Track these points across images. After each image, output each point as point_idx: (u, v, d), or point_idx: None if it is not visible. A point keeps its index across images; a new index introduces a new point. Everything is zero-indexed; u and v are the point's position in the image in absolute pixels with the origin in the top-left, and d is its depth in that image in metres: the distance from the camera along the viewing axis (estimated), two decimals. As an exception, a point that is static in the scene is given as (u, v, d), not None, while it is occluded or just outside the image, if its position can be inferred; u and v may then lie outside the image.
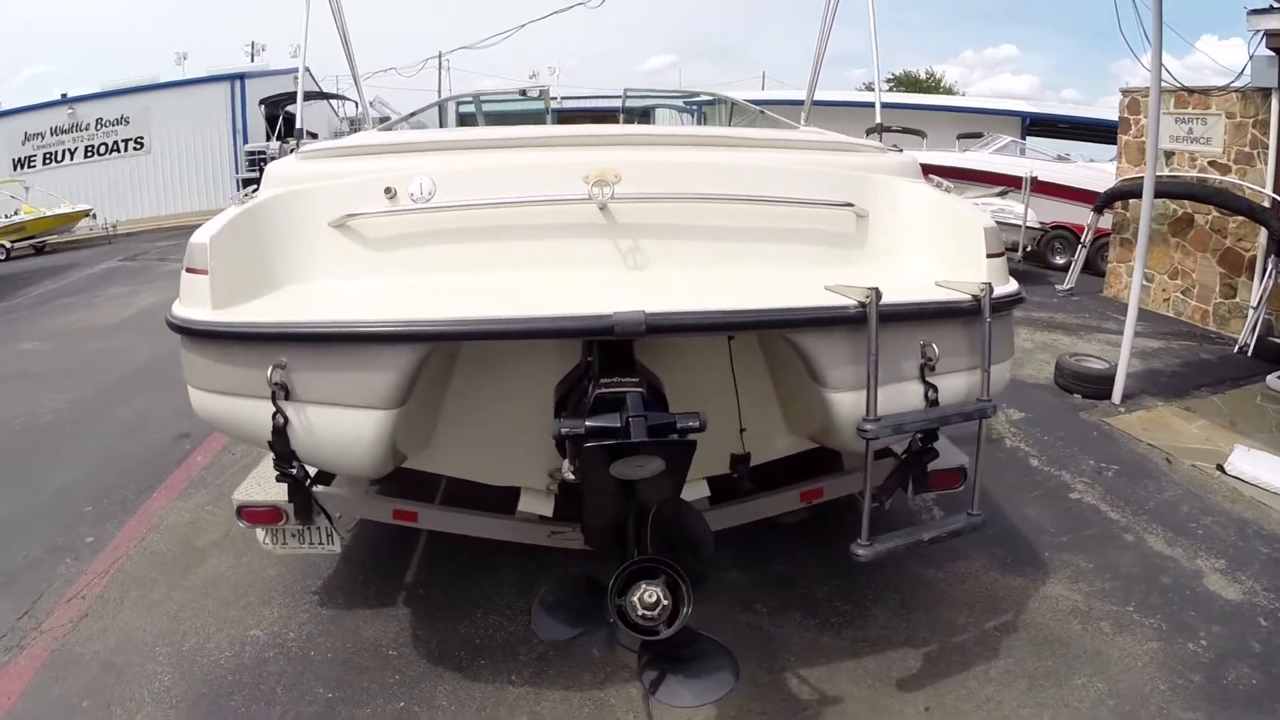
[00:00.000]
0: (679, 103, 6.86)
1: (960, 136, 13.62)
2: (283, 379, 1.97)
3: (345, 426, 2.02)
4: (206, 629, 3.10)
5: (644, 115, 6.86)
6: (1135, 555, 3.34)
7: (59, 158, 23.68)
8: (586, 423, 1.77)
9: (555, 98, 6.16)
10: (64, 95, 23.23)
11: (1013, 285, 2.37)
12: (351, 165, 2.59)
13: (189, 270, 2.16)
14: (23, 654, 3.03)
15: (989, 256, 2.33)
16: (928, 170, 10.95)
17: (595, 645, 2.80)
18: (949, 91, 33.64)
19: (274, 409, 2.00)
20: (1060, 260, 10.36)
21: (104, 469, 4.70)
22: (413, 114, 5.32)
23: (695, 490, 2.76)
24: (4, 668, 2.95)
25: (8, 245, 17.15)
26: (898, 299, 2.10)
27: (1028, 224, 9.65)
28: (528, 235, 2.37)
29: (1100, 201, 8.68)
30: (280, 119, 14.54)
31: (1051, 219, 10.67)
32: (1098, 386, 5.31)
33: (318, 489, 2.82)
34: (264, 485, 2.65)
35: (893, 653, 2.74)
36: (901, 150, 3.04)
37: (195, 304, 2.12)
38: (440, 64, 27.28)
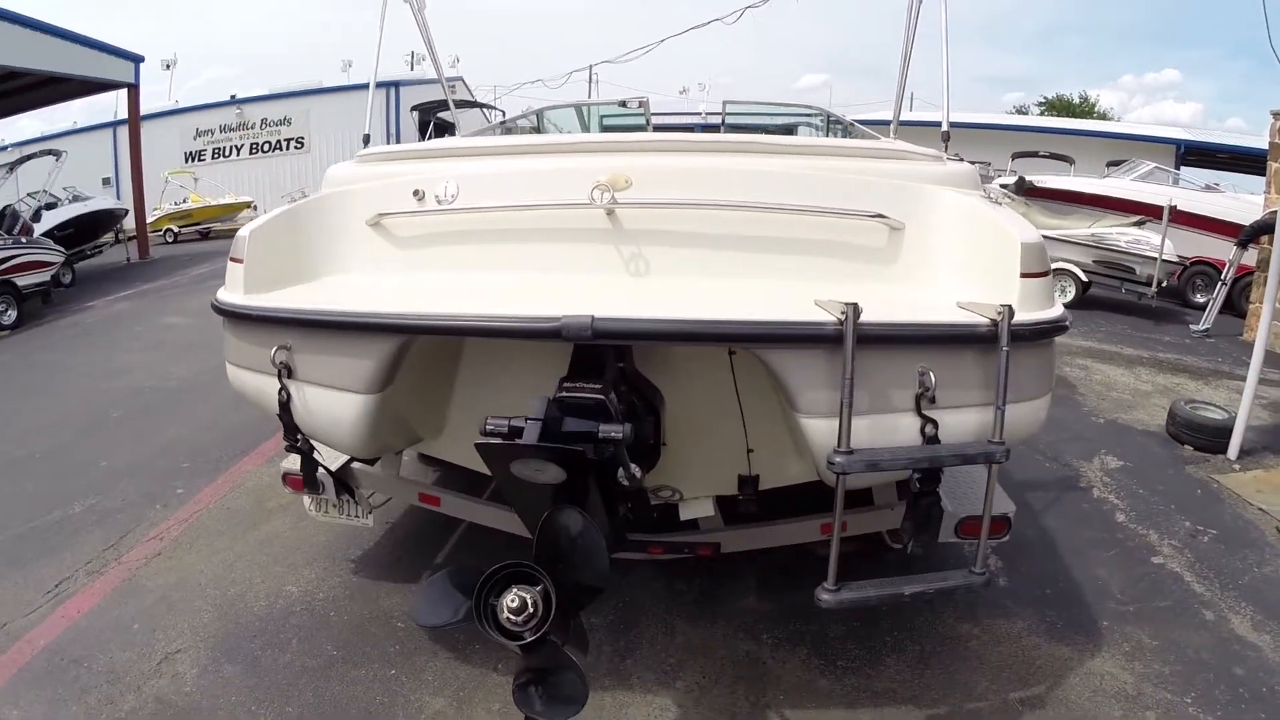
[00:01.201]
0: (779, 116, 6.67)
1: (1109, 164, 12.55)
2: (286, 359, 2.15)
3: (331, 406, 2.16)
4: (252, 579, 3.42)
5: (747, 128, 6.75)
6: (1210, 637, 2.89)
7: (226, 153, 26.50)
8: (486, 421, 1.77)
9: (656, 112, 6.19)
10: (233, 96, 26.01)
11: (1053, 311, 2.07)
12: (394, 168, 2.71)
13: (231, 259, 2.40)
14: (99, 579, 3.47)
15: (1024, 276, 2.04)
16: (1060, 195, 10.10)
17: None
18: (1102, 117, 31.04)
19: (279, 385, 2.18)
20: (1200, 298, 9.34)
21: (208, 432, 5.22)
22: (504, 122, 5.52)
23: (700, 508, 2.69)
24: (81, 589, 3.39)
25: (175, 230, 19.42)
26: (890, 318, 1.93)
27: (1165, 257, 8.69)
28: (538, 238, 2.39)
29: (1244, 235, 7.75)
30: (431, 124, 15.60)
31: (1193, 253, 9.61)
32: (1213, 439, 4.69)
33: (355, 466, 3.02)
34: (318, 457, 2.83)
35: (892, 709, 2.51)
36: (962, 159, 2.79)
37: (232, 289, 2.36)
38: (590, 76, 28.20)
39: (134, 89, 15.61)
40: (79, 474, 4.64)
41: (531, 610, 1.51)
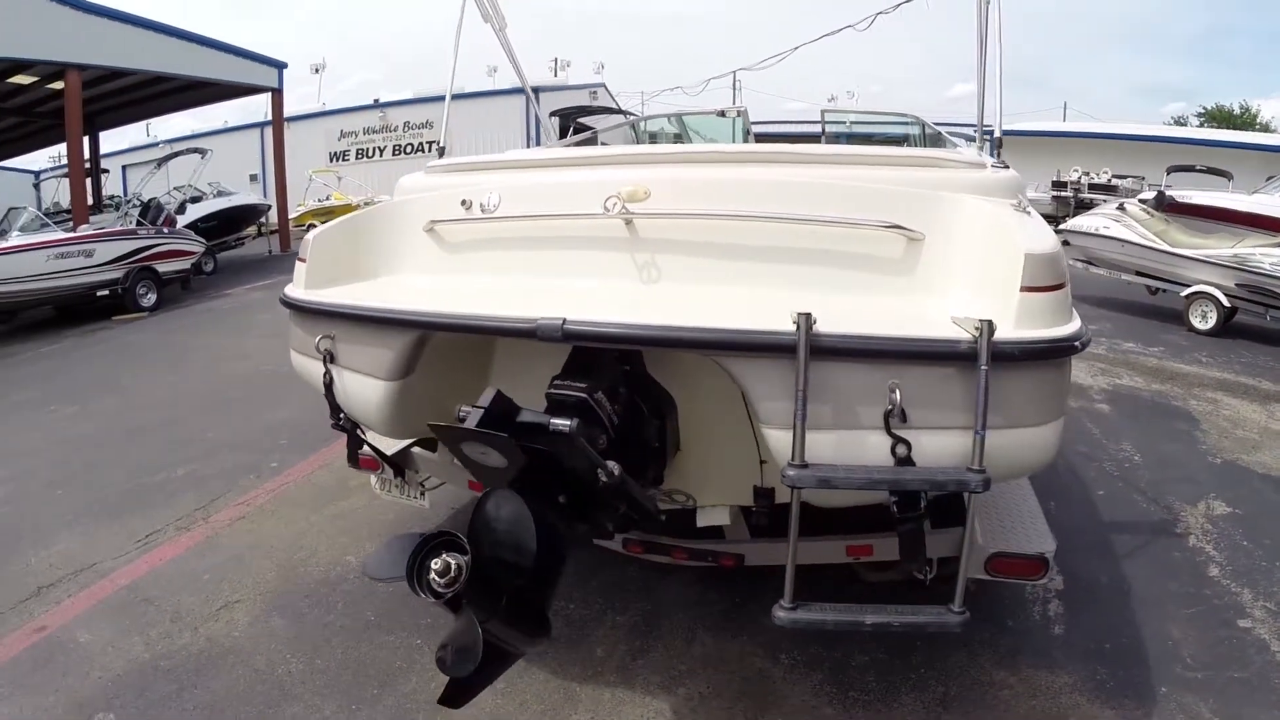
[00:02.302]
0: (876, 125, 6.53)
1: (1269, 179, 11.29)
2: (329, 347, 2.45)
3: (362, 389, 2.43)
4: (317, 547, 3.79)
5: (850, 137, 6.62)
6: (1288, 720, 2.60)
7: (369, 154, 28.60)
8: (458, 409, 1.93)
9: (756, 121, 6.23)
10: (376, 100, 28.08)
11: (1060, 329, 1.92)
12: (454, 179, 2.93)
13: (298, 259, 2.75)
14: (185, 535, 3.96)
15: (1026, 290, 1.92)
16: (1203, 211, 9.19)
17: (598, 644, 2.95)
18: (1264, 129, 27.80)
19: (324, 370, 2.47)
20: (1360, 333, 8.21)
21: (310, 414, 5.69)
22: (596, 132, 5.72)
23: (716, 516, 2.71)
24: (167, 541, 3.89)
25: (317, 225, 21.19)
26: (857, 329, 1.87)
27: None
28: (564, 245, 2.50)
29: None
30: (570, 129, 16.41)
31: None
32: (1348, 497, 4.16)
33: (415, 450, 3.27)
34: (374, 438, 3.10)
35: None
36: (1007, 166, 2.65)
37: (296, 284, 2.69)
38: (734, 83, 28.39)
39: (277, 93, 17.24)
40: (188, 444, 5.25)
41: (454, 575, 1.63)
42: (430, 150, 23.78)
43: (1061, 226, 10.34)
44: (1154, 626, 3.09)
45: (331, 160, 27.84)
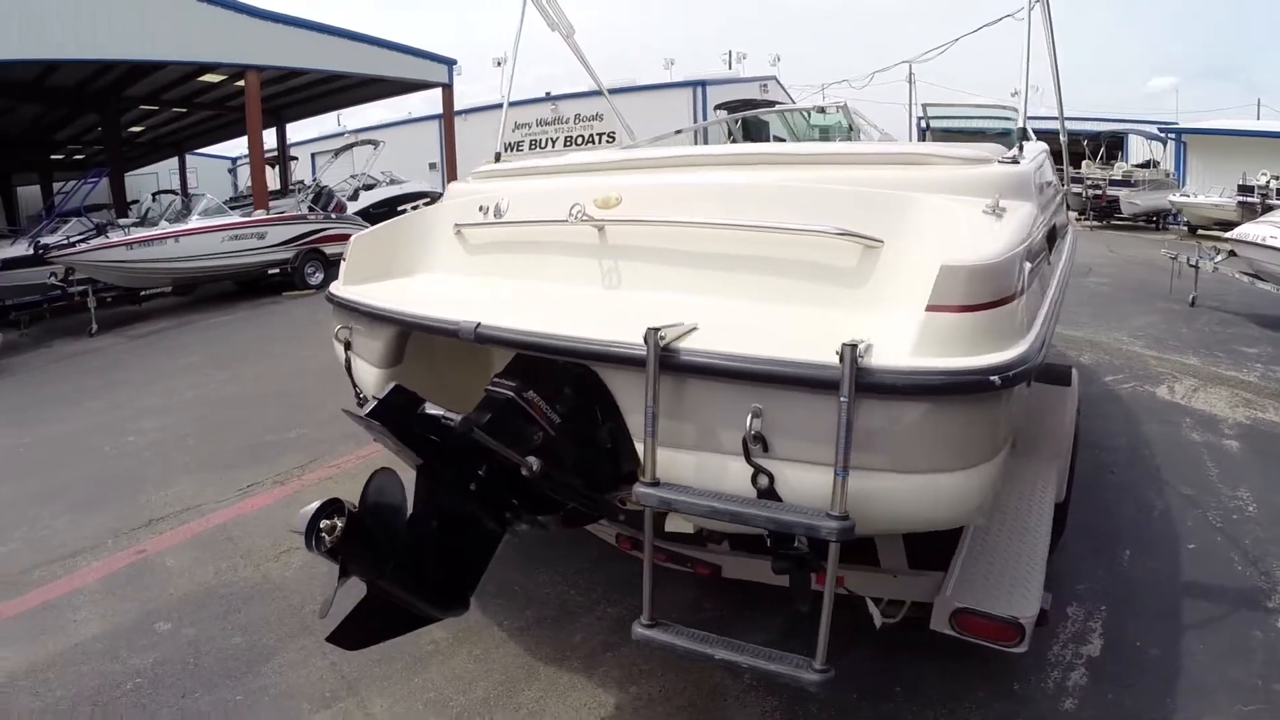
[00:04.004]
0: (974, 119, 6.21)
1: None
2: (348, 336, 2.94)
3: (364, 374, 2.92)
4: None
5: (951, 133, 6.37)
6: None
7: (542, 145, 30.50)
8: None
9: (859, 113, 6.18)
10: (548, 93, 29.87)
11: (962, 360, 1.73)
12: (487, 185, 3.30)
13: (343, 258, 3.24)
14: (279, 488, 4.76)
15: (932, 309, 1.76)
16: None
17: (579, 631, 3.21)
18: None
19: (344, 355, 2.98)
20: None
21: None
22: (677, 132, 5.96)
23: (681, 523, 2.86)
24: (263, 492, 4.70)
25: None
26: (712, 346, 1.85)
27: None
28: (548, 250, 2.77)
29: None
30: (739, 122, 16.88)
31: None
32: None
33: None
34: None
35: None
36: (1016, 161, 2.49)
37: (339, 280, 3.18)
38: (910, 76, 27.74)
39: (447, 88, 18.97)
40: (308, 410, 6.15)
41: (336, 534, 1.97)
42: (599, 142, 25.09)
43: (1227, 235, 9.11)
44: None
45: (506, 150, 30.02)
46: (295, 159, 23.45)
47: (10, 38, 10.14)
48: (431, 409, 2.30)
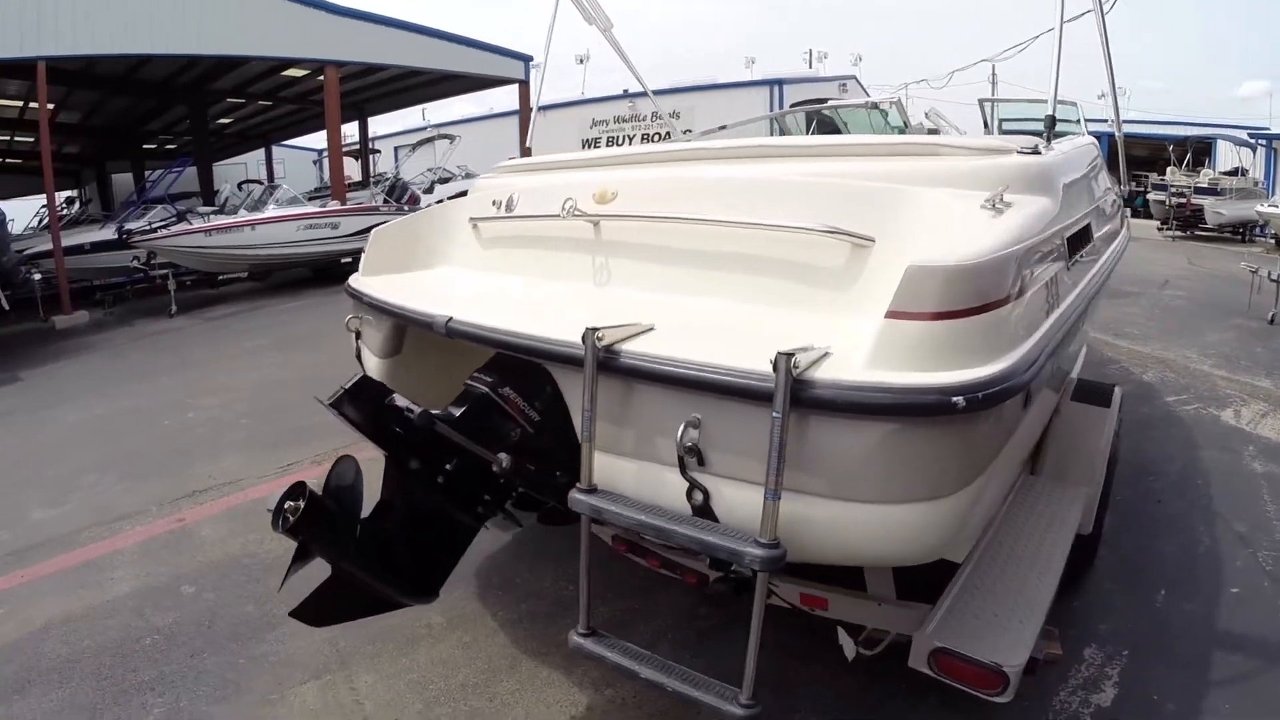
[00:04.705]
0: (1033, 118, 6.03)
1: None
2: (358, 326, 3.12)
3: (369, 361, 3.10)
4: None
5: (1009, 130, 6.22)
6: None
7: (619, 141, 30.80)
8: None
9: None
10: (625, 90, 30.22)
11: (920, 376, 1.58)
12: (505, 180, 3.43)
13: (364, 251, 3.42)
14: (316, 467, 5.00)
15: (892, 315, 1.63)
16: None
17: (570, 628, 3.23)
18: None
19: (356, 344, 3.18)
20: None
21: None
22: (722, 127, 6.00)
23: None
24: (301, 471, 4.98)
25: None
26: (652, 350, 1.82)
27: None
28: (548, 245, 2.88)
29: None
30: (816, 121, 16.91)
31: None
32: None
33: None
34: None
35: None
36: (1037, 151, 2.32)
37: (358, 271, 3.38)
38: (993, 75, 27.14)
39: (524, 84, 19.45)
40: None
41: (295, 514, 2.13)
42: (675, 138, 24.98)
43: None
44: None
45: (583, 147, 30.61)
46: (379, 151, 24.49)
47: (102, 35, 11.08)
48: (399, 401, 2.43)
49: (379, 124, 24.06)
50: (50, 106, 16.32)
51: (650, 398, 1.88)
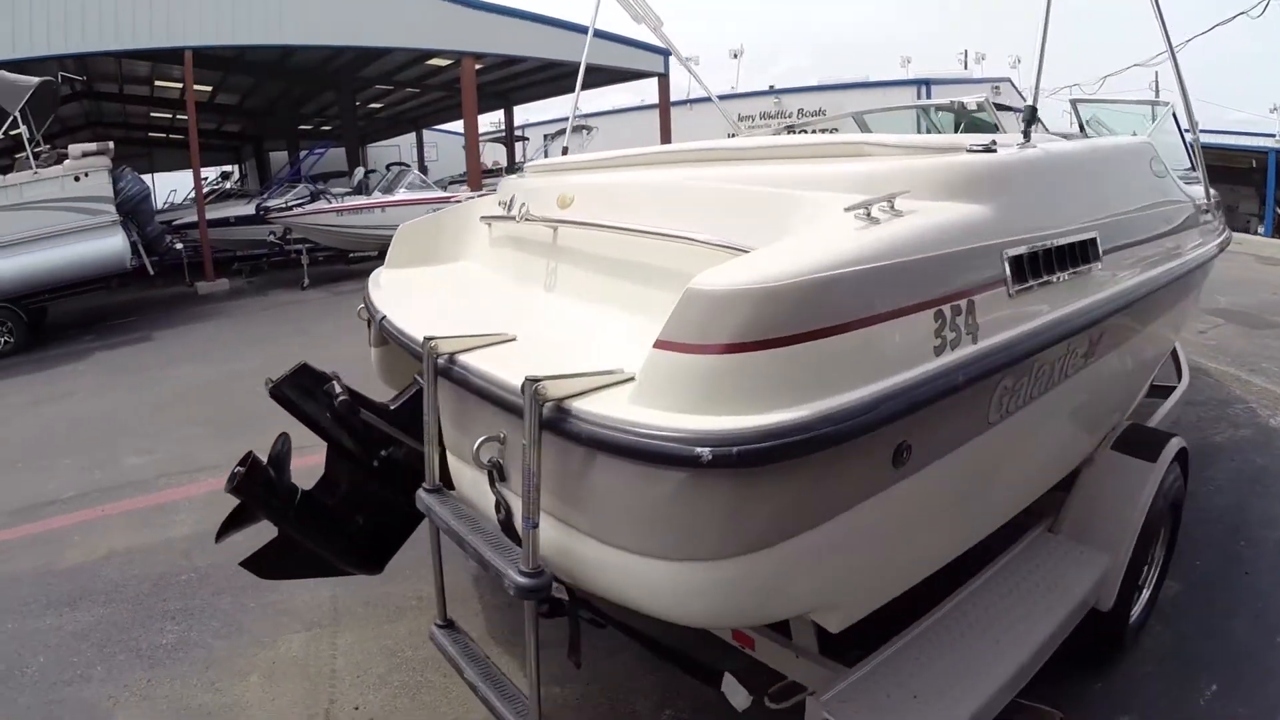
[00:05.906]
0: (1125, 110, 5.61)
1: None
2: (367, 318, 3.41)
3: (372, 352, 3.44)
4: None
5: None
6: None
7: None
8: None
9: (1002, 106, 5.88)
10: (771, 87, 30.16)
11: (673, 420, 1.41)
12: (537, 180, 3.60)
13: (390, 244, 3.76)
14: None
15: (661, 346, 1.47)
16: None
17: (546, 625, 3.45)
18: None
19: (368, 333, 3.49)
20: None
21: None
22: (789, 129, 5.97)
23: None
24: (312, 454, 5.36)
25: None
26: (473, 363, 1.91)
27: None
28: (523, 248, 3.08)
29: None
30: (963, 123, 16.45)
31: None
32: None
33: None
34: None
35: None
36: (992, 150, 2.06)
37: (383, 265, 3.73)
38: (1156, 81, 25.37)
39: (663, 77, 19.89)
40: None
41: (239, 479, 2.43)
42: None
43: None
44: None
45: (728, 141, 30.93)
46: (526, 139, 25.75)
47: (243, 27, 12.52)
48: (336, 389, 2.69)
49: (533, 111, 25.35)
50: (209, 89, 18.46)
51: (474, 408, 1.97)
